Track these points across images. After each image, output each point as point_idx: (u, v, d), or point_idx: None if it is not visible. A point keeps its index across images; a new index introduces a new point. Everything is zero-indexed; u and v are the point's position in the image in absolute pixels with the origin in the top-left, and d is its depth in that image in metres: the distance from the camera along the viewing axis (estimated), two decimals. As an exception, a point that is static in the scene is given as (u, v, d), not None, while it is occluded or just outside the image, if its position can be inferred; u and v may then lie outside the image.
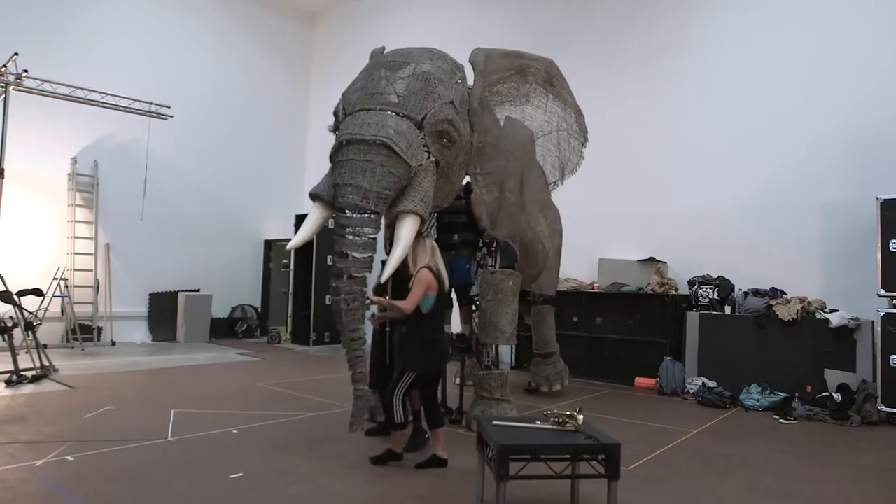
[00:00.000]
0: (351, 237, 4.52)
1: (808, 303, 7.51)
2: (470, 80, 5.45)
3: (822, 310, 7.42)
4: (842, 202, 7.88)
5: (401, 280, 4.93)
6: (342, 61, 12.81)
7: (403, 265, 4.79)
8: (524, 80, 5.99)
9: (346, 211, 4.55)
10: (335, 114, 5.12)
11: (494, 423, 3.78)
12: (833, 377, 7.02)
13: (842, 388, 6.83)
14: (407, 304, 4.50)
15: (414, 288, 4.56)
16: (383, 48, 5.64)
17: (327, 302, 12.12)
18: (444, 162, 4.97)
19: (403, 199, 4.69)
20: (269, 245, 14.01)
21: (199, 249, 12.80)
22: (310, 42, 15.38)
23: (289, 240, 5.04)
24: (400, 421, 4.56)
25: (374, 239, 4.63)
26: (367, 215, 4.54)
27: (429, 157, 4.83)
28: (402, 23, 12.96)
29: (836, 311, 7.28)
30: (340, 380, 8.45)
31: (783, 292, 7.84)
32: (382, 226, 4.89)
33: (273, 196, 14.07)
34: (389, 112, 4.71)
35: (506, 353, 9.75)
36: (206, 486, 3.99)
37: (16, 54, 7.67)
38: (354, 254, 4.53)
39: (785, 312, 7.45)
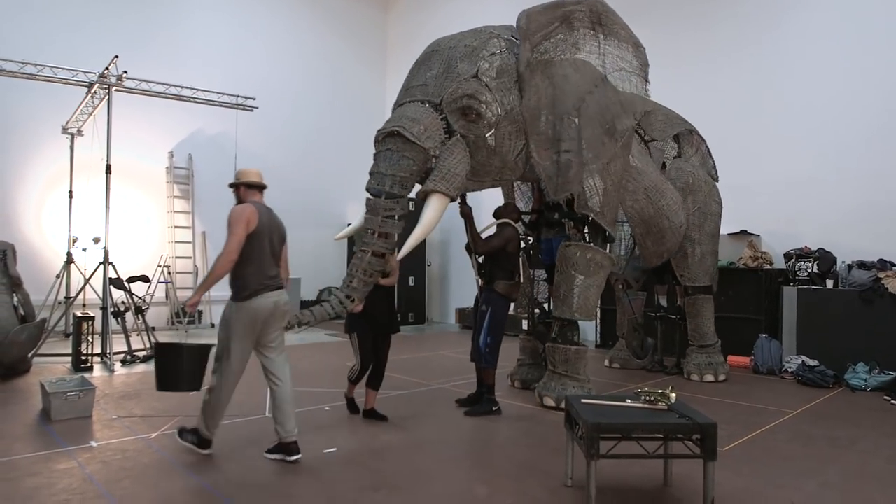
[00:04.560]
0: (373, 217, 4.91)
1: (923, 275, 6.93)
2: None
3: (939, 282, 6.84)
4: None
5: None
6: (417, 45, 12.72)
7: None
8: (570, 27, 5.70)
9: (370, 195, 5.00)
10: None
11: (584, 400, 3.73)
12: (953, 355, 6.49)
13: (963, 366, 6.30)
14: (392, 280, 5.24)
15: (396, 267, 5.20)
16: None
17: (410, 283, 12.48)
18: (474, 136, 5.13)
19: (428, 180, 5.03)
20: (351, 229, 14.35)
21: (287, 234, 13.28)
22: (384, 27, 15.51)
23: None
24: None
25: (393, 217, 4.92)
26: (384, 198, 4.91)
27: (453, 136, 5.07)
28: (475, 3, 12.81)
29: (957, 283, 6.69)
30: (426, 359, 8.61)
31: (893, 264, 7.27)
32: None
33: (354, 180, 14.15)
34: (416, 102, 5.09)
35: (590, 331, 9.60)
36: (302, 460, 4.19)
37: (116, 57, 8.15)
38: (376, 232, 4.89)
39: (896, 286, 6.92)
